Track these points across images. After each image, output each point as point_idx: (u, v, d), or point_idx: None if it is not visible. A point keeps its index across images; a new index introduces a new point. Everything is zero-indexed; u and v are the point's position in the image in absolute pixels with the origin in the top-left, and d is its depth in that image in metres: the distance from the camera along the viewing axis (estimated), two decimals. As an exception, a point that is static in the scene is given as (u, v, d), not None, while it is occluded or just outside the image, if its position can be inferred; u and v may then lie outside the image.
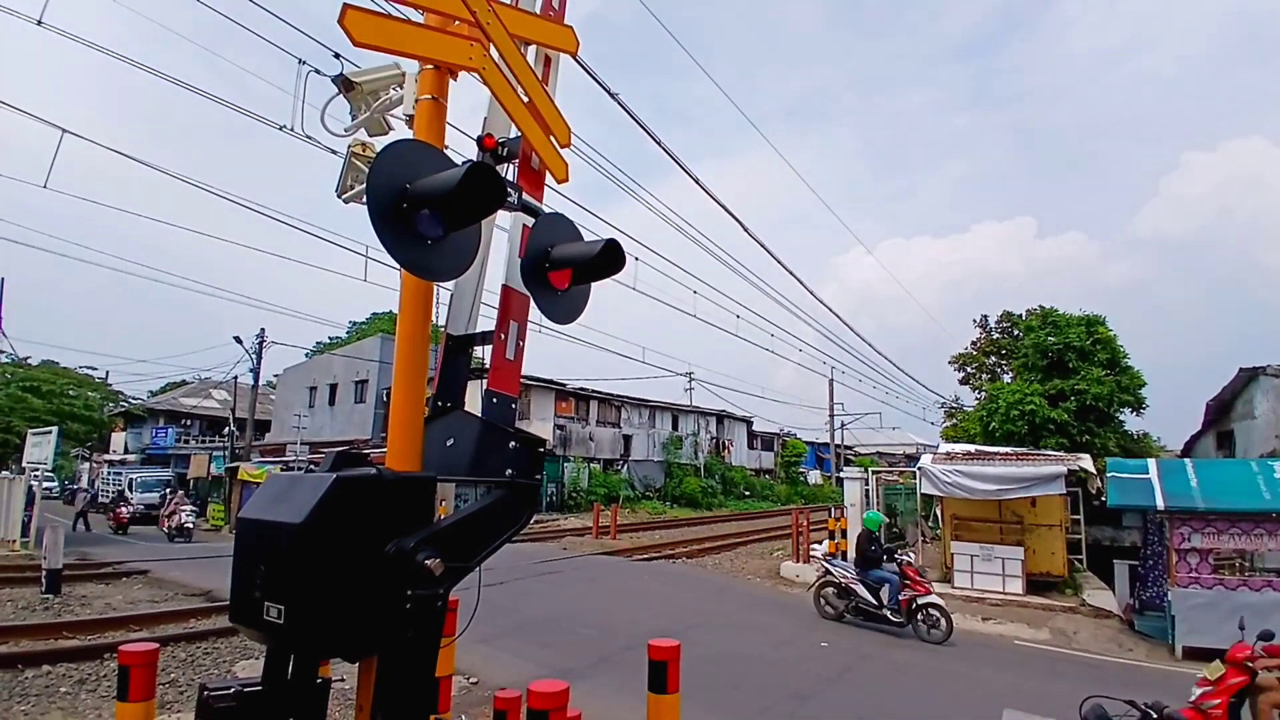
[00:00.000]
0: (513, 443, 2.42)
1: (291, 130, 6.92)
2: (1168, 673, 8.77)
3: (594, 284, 3.17)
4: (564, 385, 35.37)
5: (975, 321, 29.71)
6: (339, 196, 3.42)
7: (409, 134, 2.88)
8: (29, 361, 30.23)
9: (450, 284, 2.98)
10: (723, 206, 11.77)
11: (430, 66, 2.79)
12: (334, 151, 7.09)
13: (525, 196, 2.83)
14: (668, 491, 38.96)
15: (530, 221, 2.92)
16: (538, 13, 3.22)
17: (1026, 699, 7.24)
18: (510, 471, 2.34)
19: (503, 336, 2.57)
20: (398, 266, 2.57)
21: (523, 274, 2.81)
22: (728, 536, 23.52)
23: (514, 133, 2.99)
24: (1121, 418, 23.93)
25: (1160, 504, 9.94)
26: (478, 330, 2.99)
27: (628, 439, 39.10)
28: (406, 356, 2.68)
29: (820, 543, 16.45)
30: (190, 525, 21.56)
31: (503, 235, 3.15)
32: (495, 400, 2.52)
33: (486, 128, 3.02)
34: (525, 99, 2.96)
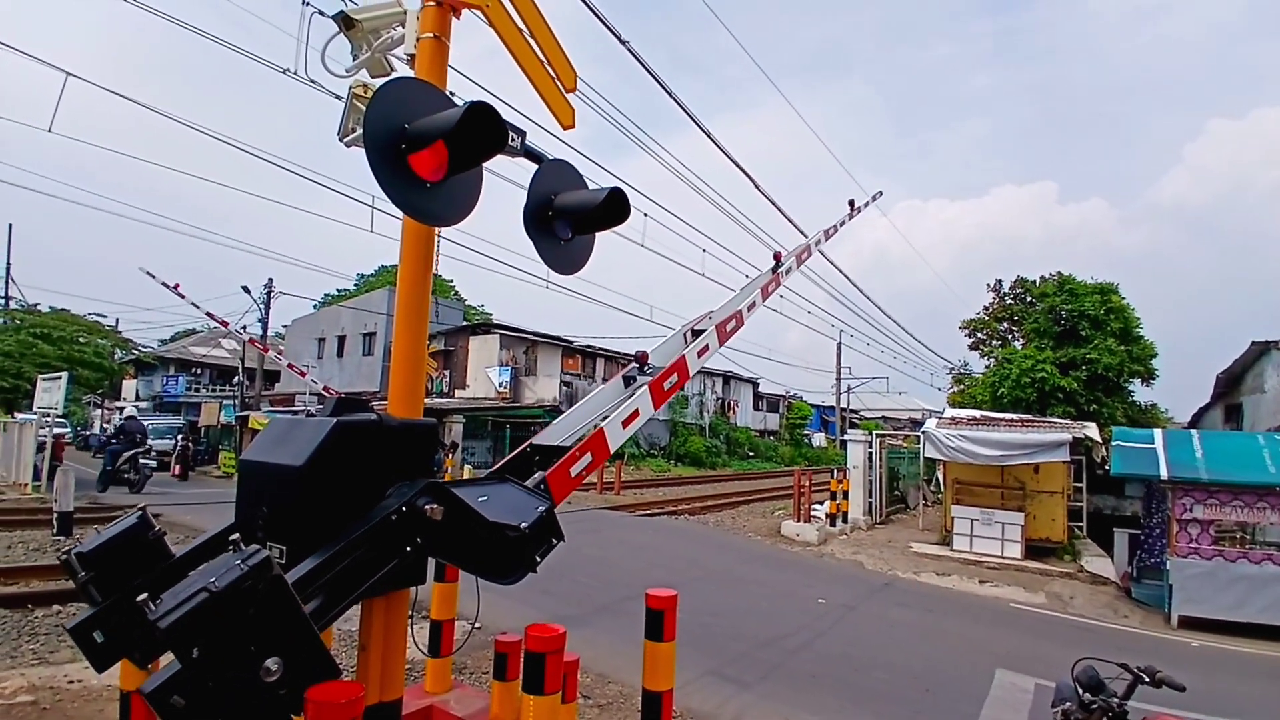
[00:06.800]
0: (541, 508, 2.42)
1: (295, 74, 6.78)
2: (1162, 640, 8.88)
3: (598, 235, 3.13)
4: (571, 342, 35.34)
5: (989, 286, 29.14)
6: (340, 140, 3.34)
7: (410, 74, 2.79)
8: (39, 308, 30.35)
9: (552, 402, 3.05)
10: (734, 162, 11.55)
11: (432, 3, 2.70)
12: (337, 95, 6.95)
13: (527, 142, 2.76)
14: (672, 450, 39.22)
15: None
16: (545, -52, 3.10)
17: (1020, 659, 7.36)
18: (525, 526, 2.33)
19: (578, 456, 2.72)
20: (400, 214, 2.52)
21: (524, 221, 2.76)
22: (730, 495, 23.74)
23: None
24: (1130, 388, 23.83)
25: (1164, 473, 9.91)
26: (555, 444, 3.06)
27: (634, 397, 39.13)
28: (407, 303, 2.66)
29: (821, 503, 16.62)
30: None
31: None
32: (543, 486, 2.60)
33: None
34: (530, 39, 2.87)
